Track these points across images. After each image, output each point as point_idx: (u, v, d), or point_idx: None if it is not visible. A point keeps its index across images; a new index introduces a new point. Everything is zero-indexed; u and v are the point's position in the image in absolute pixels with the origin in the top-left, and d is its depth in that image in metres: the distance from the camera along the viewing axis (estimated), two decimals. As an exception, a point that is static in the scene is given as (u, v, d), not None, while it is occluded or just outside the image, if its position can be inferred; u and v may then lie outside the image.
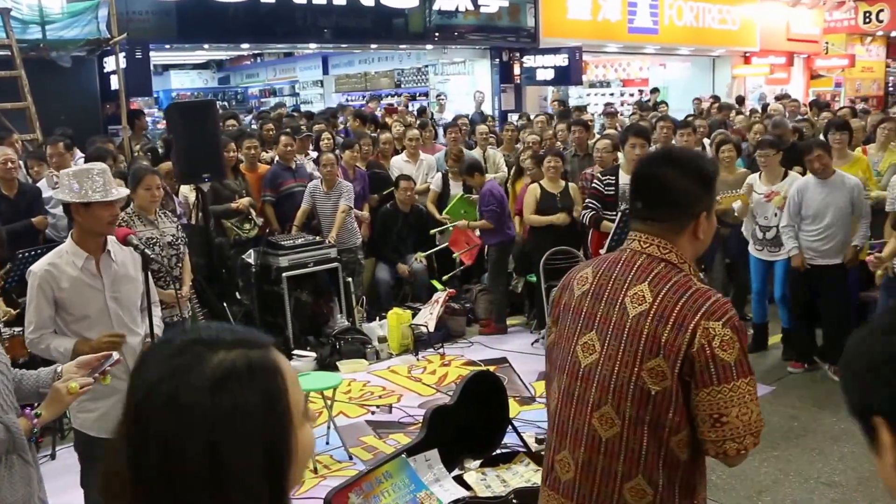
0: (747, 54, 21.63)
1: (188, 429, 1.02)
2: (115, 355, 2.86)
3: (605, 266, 2.16)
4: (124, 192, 3.80)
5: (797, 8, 22.38)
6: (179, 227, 5.58)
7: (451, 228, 8.26)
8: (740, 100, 17.93)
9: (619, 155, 7.10)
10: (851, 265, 6.27)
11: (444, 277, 8.25)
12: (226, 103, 23.51)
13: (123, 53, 10.51)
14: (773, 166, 6.74)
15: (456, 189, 8.49)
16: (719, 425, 1.94)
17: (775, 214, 6.62)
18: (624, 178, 6.40)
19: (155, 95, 18.66)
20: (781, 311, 6.83)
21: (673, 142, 8.04)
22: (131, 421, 1.07)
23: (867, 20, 23.12)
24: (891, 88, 25.21)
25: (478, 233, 8.06)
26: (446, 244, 8.23)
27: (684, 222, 2.09)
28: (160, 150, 9.00)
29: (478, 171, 7.91)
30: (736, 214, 6.99)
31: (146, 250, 3.75)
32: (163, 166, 7.28)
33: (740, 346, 1.96)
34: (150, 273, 3.87)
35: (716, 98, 16.30)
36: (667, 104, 15.71)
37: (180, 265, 5.43)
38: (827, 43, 23.60)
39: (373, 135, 9.89)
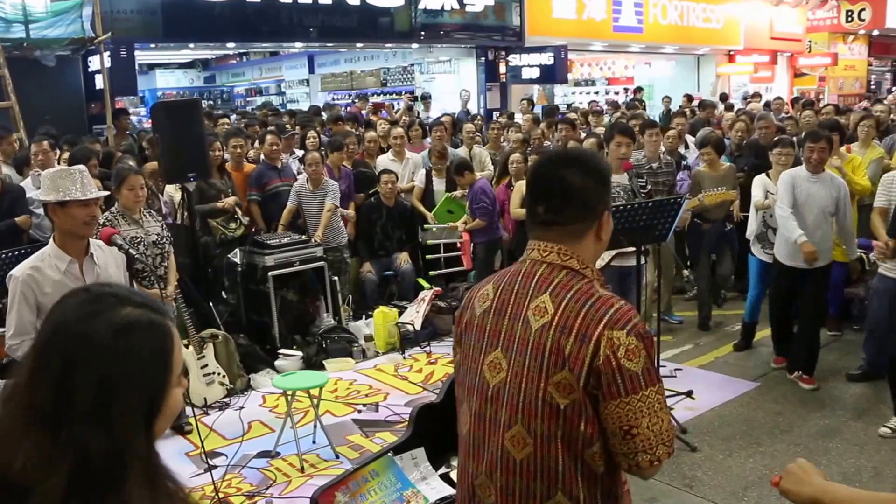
0: (731, 53, 21.77)
1: (87, 357, 1.21)
2: None
3: (505, 280, 2.09)
4: (101, 191, 3.78)
5: (780, 7, 22.54)
6: (164, 226, 5.57)
7: (435, 229, 8.29)
8: (724, 97, 18.00)
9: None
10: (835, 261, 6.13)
11: (431, 273, 8.26)
12: (211, 102, 23.46)
13: (108, 52, 10.47)
14: (790, 166, 6.63)
15: (439, 185, 8.50)
16: (630, 437, 1.88)
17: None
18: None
19: (140, 95, 18.62)
20: None
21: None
22: (39, 349, 1.25)
23: (849, 19, 23.32)
24: (873, 87, 25.44)
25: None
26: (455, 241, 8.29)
27: (589, 223, 2.03)
28: (144, 149, 8.90)
29: (467, 170, 7.93)
30: (756, 208, 6.95)
31: (130, 250, 3.73)
32: (148, 166, 7.27)
33: (646, 353, 1.89)
34: (134, 273, 3.85)
35: (688, 97, 16.36)
36: (643, 102, 15.74)
37: (165, 264, 5.42)
38: (810, 41, 23.79)
39: (356, 132, 9.89)
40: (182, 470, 5.09)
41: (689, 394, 5.88)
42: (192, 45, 16.68)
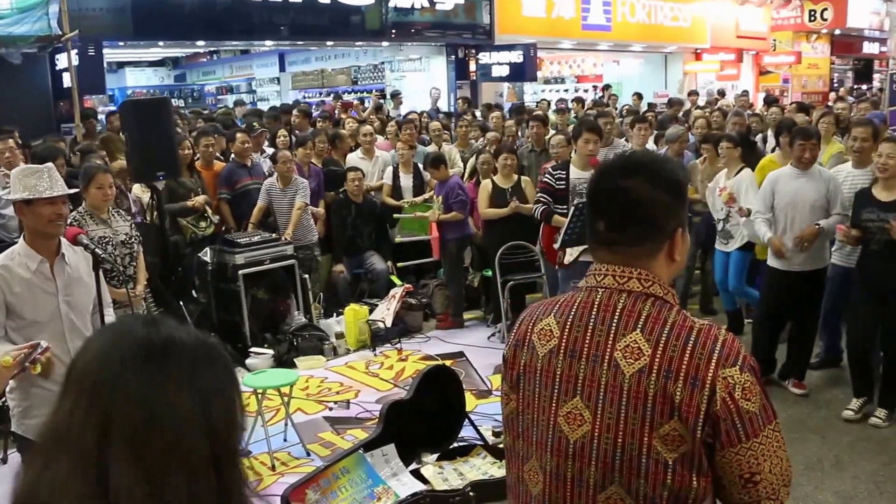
0: (698, 51, 22.03)
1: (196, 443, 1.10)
2: (44, 343, 2.82)
3: (574, 313, 1.77)
4: (68, 189, 3.77)
5: (745, 6, 22.84)
6: (133, 225, 5.55)
7: (406, 213, 8.32)
8: (721, 93, 18.19)
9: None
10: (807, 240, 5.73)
11: (399, 265, 8.25)
12: (182, 101, 23.32)
13: (76, 50, 10.37)
14: (731, 160, 6.76)
15: (406, 181, 8.51)
16: (752, 485, 1.67)
17: (721, 209, 6.73)
18: (575, 173, 6.48)
19: (110, 93, 18.43)
20: (731, 297, 7.00)
21: (625, 137, 8.19)
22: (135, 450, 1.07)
23: (812, 18, 23.74)
24: (835, 85, 25.85)
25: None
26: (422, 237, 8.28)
27: (659, 243, 1.75)
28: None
29: (442, 164, 7.95)
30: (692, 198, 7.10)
31: (96, 249, 3.72)
32: (115, 164, 7.22)
33: (760, 388, 1.67)
34: (102, 272, 3.84)
35: (638, 95, 16.64)
36: (616, 97, 15.94)
37: (134, 264, 5.40)
38: (774, 40, 24.15)
39: (326, 130, 9.88)
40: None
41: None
42: (161, 44, 16.57)
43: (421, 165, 8.54)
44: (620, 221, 1.75)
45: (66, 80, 10.60)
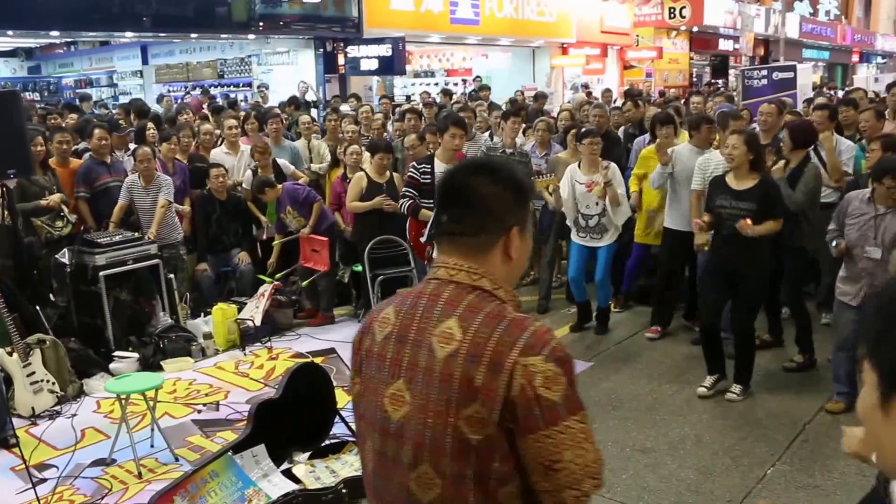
0: (565, 45, 22.59)
1: None
2: None
3: (408, 303, 1.88)
4: None
5: (609, 2, 23.58)
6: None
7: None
8: (586, 86, 18.65)
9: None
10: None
11: (278, 276, 8.02)
12: (37, 94, 22.25)
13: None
14: (597, 155, 6.96)
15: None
16: (553, 472, 1.70)
17: (596, 203, 6.89)
18: (440, 167, 6.54)
19: (-46, 85, 17.40)
20: (600, 292, 7.23)
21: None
22: None
23: (672, 15, 24.80)
24: (695, 79, 27.08)
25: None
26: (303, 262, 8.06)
27: (495, 237, 1.83)
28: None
29: (268, 187, 7.68)
30: (552, 209, 7.33)
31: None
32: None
33: (567, 379, 1.71)
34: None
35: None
36: (489, 88, 16.09)
37: (-18, 268, 5.12)
38: (637, 36, 25.07)
39: (191, 125, 9.61)
40: (7, 486, 4.84)
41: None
42: (11, 33, 15.73)
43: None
44: (461, 213, 1.84)
45: None
